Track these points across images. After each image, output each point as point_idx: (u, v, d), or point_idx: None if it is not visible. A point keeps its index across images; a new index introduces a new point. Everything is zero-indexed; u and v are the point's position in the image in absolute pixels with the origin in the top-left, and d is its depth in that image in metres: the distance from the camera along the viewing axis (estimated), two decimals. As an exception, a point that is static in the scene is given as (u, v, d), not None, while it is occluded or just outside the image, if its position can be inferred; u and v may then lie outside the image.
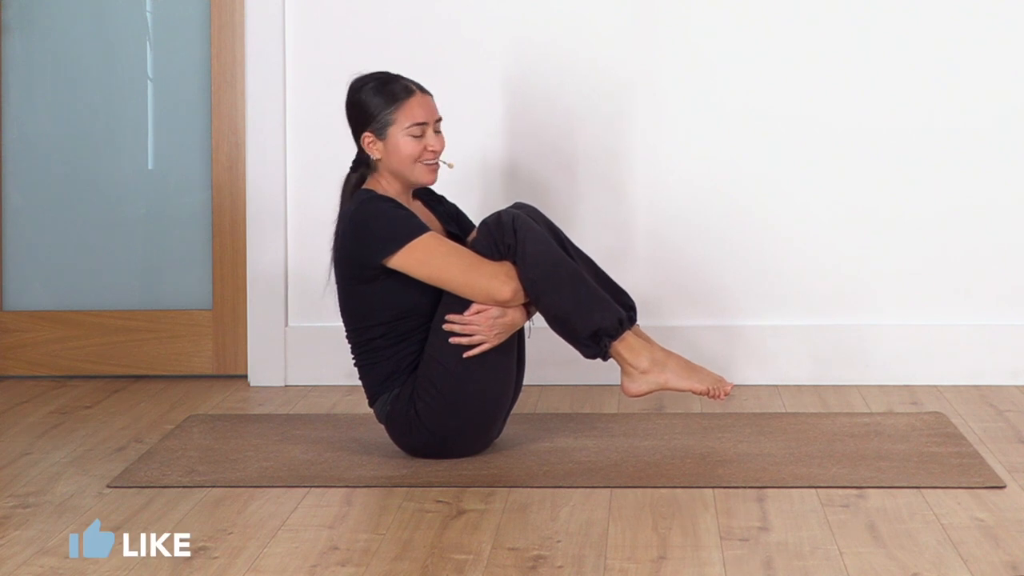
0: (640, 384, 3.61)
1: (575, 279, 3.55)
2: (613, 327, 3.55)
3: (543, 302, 3.54)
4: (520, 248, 3.53)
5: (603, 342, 3.56)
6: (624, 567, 2.86)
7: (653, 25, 4.39)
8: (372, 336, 3.58)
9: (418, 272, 3.52)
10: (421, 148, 3.59)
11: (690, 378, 3.60)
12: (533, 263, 3.53)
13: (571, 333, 3.57)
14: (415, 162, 3.58)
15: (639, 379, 3.60)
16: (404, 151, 3.57)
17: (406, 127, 3.57)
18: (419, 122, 3.58)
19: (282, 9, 4.47)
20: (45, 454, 3.74)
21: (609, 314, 3.55)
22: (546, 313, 3.56)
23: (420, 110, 3.59)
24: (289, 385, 4.53)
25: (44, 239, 4.67)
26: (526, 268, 3.53)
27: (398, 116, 3.58)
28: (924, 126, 4.39)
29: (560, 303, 3.54)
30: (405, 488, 3.38)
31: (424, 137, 3.60)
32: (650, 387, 3.60)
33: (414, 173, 3.60)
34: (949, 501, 3.24)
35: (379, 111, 3.58)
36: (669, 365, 3.61)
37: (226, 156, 4.58)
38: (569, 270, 3.55)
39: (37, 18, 4.64)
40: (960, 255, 4.41)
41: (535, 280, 3.53)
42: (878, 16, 4.38)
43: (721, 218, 4.44)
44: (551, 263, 3.54)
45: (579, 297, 3.54)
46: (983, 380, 4.41)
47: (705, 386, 3.60)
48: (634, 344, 3.59)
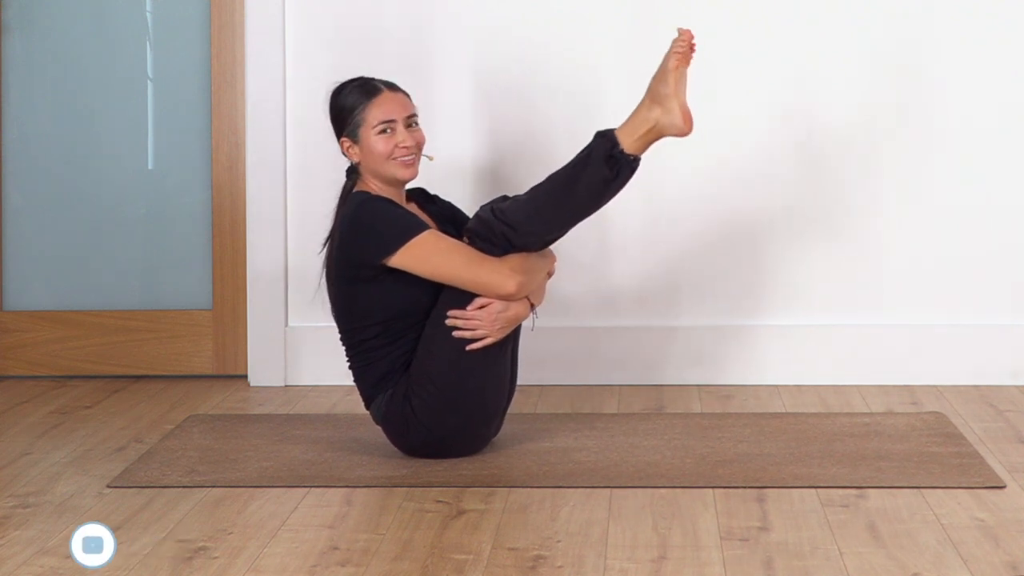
0: (673, 103, 3.51)
1: (555, 185, 3.52)
2: (608, 144, 3.49)
3: (564, 224, 3.54)
4: (511, 223, 3.50)
5: (617, 155, 3.49)
6: (624, 567, 2.86)
7: (653, 25, 4.39)
8: (366, 337, 3.58)
9: (420, 269, 3.52)
10: (392, 145, 3.59)
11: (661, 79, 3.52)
12: (528, 220, 3.51)
13: (600, 192, 3.51)
14: (388, 159, 3.59)
15: (669, 104, 3.51)
16: (376, 150, 3.59)
17: (374, 126, 3.58)
18: (386, 120, 3.58)
19: (282, 9, 4.47)
20: (45, 454, 3.74)
21: (595, 156, 3.49)
22: (570, 224, 3.54)
23: (386, 106, 3.60)
24: (289, 385, 4.53)
25: (44, 239, 4.67)
26: (529, 232, 3.51)
27: (365, 116, 3.59)
28: (924, 126, 4.39)
29: (573, 208, 3.52)
30: (405, 488, 3.38)
31: (394, 134, 3.60)
32: (680, 101, 3.51)
33: (390, 170, 3.60)
34: (949, 501, 3.24)
35: (348, 114, 3.61)
36: (652, 89, 3.53)
37: (226, 156, 4.58)
38: (544, 190, 3.53)
39: (37, 18, 4.64)
40: (960, 255, 4.41)
41: (541, 229, 3.52)
42: (878, 16, 4.38)
43: (719, 217, 4.43)
44: (534, 204, 3.52)
45: (574, 183, 3.50)
46: (983, 380, 4.40)
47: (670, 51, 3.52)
48: (631, 122, 3.52)
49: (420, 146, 3.63)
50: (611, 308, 4.47)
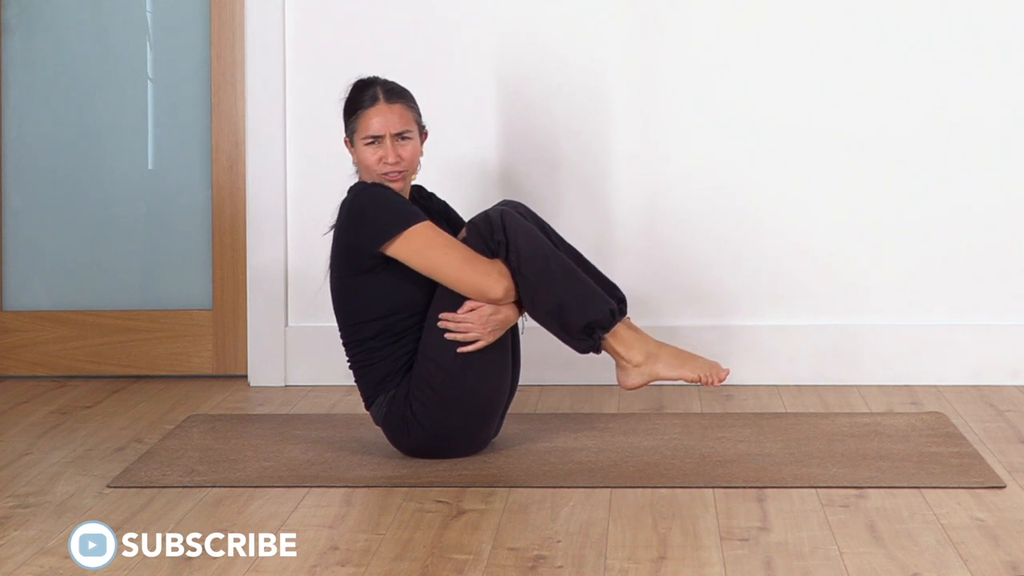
0: (634, 377, 3.61)
1: (566, 273, 3.55)
2: (605, 319, 3.56)
3: (536, 298, 3.55)
4: (511, 245, 3.53)
5: (596, 335, 3.57)
6: (624, 567, 2.86)
7: (653, 24, 4.39)
8: (367, 336, 3.58)
9: (414, 261, 3.53)
10: (377, 158, 3.59)
11: (682, 367, 3.60)
12: (525, 259, 3.53)
13: (564, 327, 3.57)
14: (373, 171, 3.59)
15: (633, 372, 3.61)
16: (365, 159, 3.60)
17: (363, 136, 3.59)
18: (373, 134, 3.58)
19: (282, 9, 4.47)
20: (45, 454, 3.74)
21: (600, 306, 3.56)
22: (539, 308, 3.56)
23: (375, 121, 3.58)
24: (289, 385, 4.53)
25: (44, 239, 4.67)
26: (518, 265, 3.53)
27: (357, 126, 3.61)
28: (924, 127, 4.39)
29: (552, 298, 3.54)
30: (405, 488, 3.38)
31: (380, 147, 3.59)
32: (644, 379, 3.61)
33: (380, 179, 3.61)
34: (949, 501, 3.24)
35: (347, 118, 3.64)
36: (661, 356, 3.61)
37: (226, 156, 4.58)
38: (560, 264, 3.55)
39: (37, 18, 4.64)
40: (960, 255, 4.41)
41: (527, 276, 3.53)
42: (878, 16, 4.38)
43: (720, 217, 4.43)
44: (542, 258, 3.54)
45: (571, 291, 3.55)
46: (983, 380, 4.40)
47: (697, 374, 3.60)
48: (626, 337, 3.60)
49: (409, 161, 3.60)
50: (611, 308, 4.47)
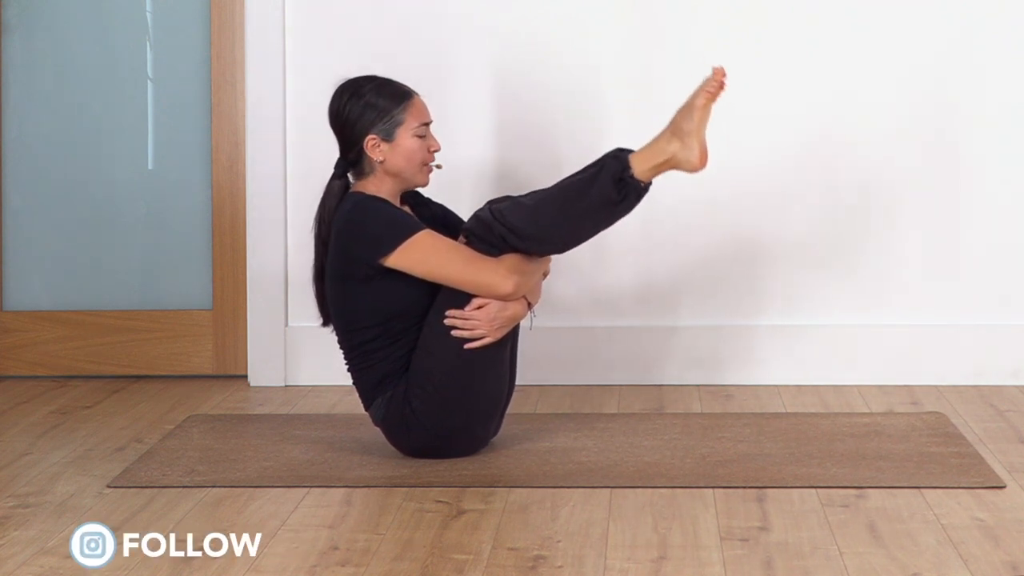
0: (693, 148, 3.49)
1: (561, 198, 3.49)
2: (618, 168, 3.47)
3: (567, 239, 3.51)
4: (510, 229, 3.48)
5: (627, 179, 3.47)
6: (624, 567, 2.86)
7: (652, 25, 4.39)
8: (365, 339, 3.58)
9: (418, 269, 3.52)
10: (427, 148, 3.59)
11: (691, 107, 3.49)
12: (527, 231, 3.49)
13: (610, 213, 3.49)
14: (419, 162, 3.58)
15: (685, 150, 3.50)
16: (411, 151, 3.57)
17: (414, 127, 3.57)
18: (426, 122, 3.59)
19: (282, 9, 4.47)
20: (45, 454, 3.74)
21: (605, 171, 3.47)
22: (580, 237, 3.52)
23: (425, 110, 3.61)
24: (289, 385, 4.53)
25: (44, 239, 4.67)
26: (527, 239, 3.50)
27: (407, 116, 3.57)
28: (924, 127, 4.39)
29: (574, 220, 3.49)
30: (405, 488, 3.38)
31: (427, 138, 3.60)
32: (693, 139, 3.48)
33: (416, 175, 3.60)
34: (949, 501, 3.24)
35: (388, 112, 3.56)
36: (677, 123, 3.49)
37: (226, 156, 4.58)
38: (550, 200, 3.50)
39: (37, 18, 4.64)
40: (960, 255, 4.41)
41: (541, 237, 3.50)
42: (878, 16, 4.38)
43: (719, 217, 4.43)
44: (536, 212, 3.50)
45: (578, 199, 3.48)
46: (983, 380, 4.41)
47: (701, 95, 3.49)
48: (648, 153, 3.49)
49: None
50: (611, 308, 4.47)
